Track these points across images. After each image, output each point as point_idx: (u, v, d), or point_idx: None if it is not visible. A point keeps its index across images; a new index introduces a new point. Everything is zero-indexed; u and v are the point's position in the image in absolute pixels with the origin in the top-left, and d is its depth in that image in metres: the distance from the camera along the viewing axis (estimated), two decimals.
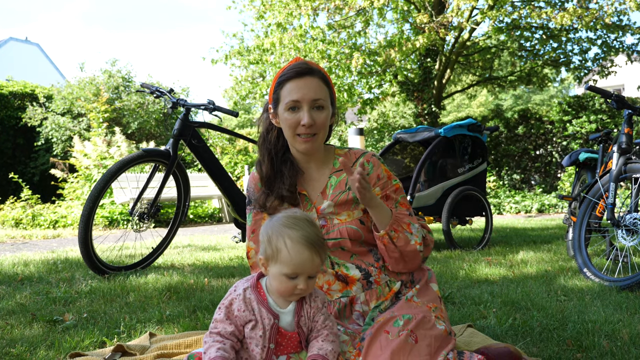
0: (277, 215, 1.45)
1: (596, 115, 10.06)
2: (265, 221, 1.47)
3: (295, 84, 1.64)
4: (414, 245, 1.62)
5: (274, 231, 1.39)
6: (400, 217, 1.64)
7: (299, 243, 1.37)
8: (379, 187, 1.71)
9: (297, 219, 1.41)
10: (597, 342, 1.86)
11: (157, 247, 3.78)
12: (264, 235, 1.41)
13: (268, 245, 1.39)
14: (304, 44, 9.79)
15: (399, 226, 1.62)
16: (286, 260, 1.36)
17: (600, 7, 9.27)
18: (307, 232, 1.38)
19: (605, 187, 3.07)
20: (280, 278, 1.38)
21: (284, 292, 1.40)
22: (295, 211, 1.47)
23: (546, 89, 17.41)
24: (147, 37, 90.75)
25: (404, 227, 1.63)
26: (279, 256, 1.37)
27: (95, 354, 1.80)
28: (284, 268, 1.37)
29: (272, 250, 1.38)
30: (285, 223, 1.39)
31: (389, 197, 1.71)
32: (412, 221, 1.66)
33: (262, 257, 1.41)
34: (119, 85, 12.27)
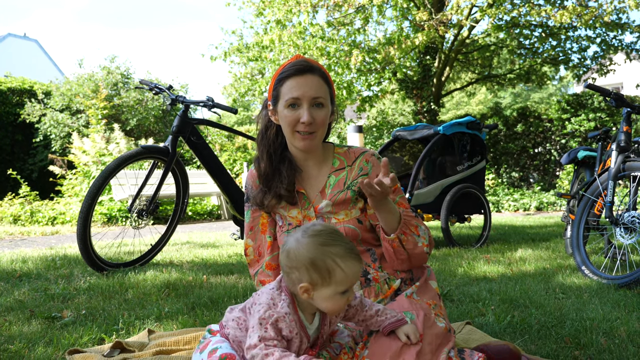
0: (298, 236, 1.35)
1: (595, 114, 10.07)
2: (289, 248, 1.34)
3: (296, 81, 1.64)
4: (421, 247, 1.62)
5: (316, 254, 1.30)
6: (408, 219, 1.63)
7: (348, 258, 1.32)
8: None
9: (327, 233, 1.34)
10: (595, 340, 1.86)
11: (156, 244, 3.78)
12: (303, 262, 1.31)
13: (314, 270, 1.30)
14: (303, 41, 9.78)
15: (407, 229, 1.61)
16: (342, 278, 1.31)
17: (599, 5, 9.27)
18: (346, 243, 1.34)
19: (603, 185, 3.07)
20: (335, 298, 1.32)
21: (339, 309, 1.36)
22: (314, 224, 1.40)
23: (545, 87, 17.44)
24: (146, 33, 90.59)
25: (412, 230, 1.62)
26: (332, 278, 1.30)
27: (94, 350, 1.80)
28: (340, 287, 1.31)
29: (322, 274, 1.30)
30: (323, 242, 1.32)
31: None
32: (419, 223, 1.65)
33: (305, 284, 1.31)
34: (117, 82, 12.25)
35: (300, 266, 1.31)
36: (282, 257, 1.36)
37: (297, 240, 1.33)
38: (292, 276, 1.34)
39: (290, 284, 1.36)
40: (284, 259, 1.35)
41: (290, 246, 1.34)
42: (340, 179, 1.72)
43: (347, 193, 1.69)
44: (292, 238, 1.35)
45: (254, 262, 1.83)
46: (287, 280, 1.36)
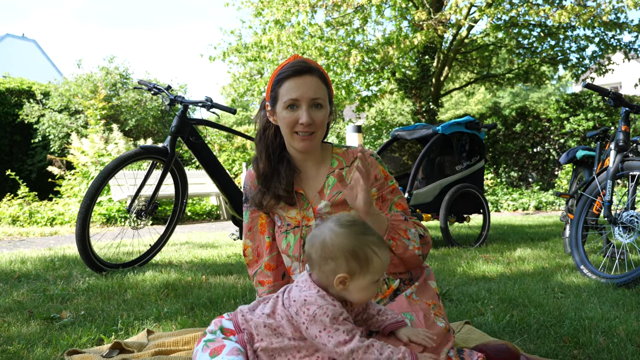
0: (331, 226, 1.33)
1: (593, 113, 10.08)
2: (325, 239, 1.32)
3: (294, 82, 1.63)
4: (412, 250, 1.61)
5: (355, 243, 1.30)
6: (396, 224, 1.61)
7: (382, 246, 1.33)
8: (375, 188, 1.70)
9: (361, 223, 1.36)
10: (594, 339, 1.87)
11: (155, 244, 3.77)
12: (343, 251, 1.30)
13: (354, 259, 1.30)
14: (302, 41, 9.78)
15: (396, 234, 1.60)
16: (378, 267, 1.32)
17: (597, 4, 9.28)
18: (376, 232, 1.36)
19: (602, 185, 3.08)
20: (369, 287, 1.33)
21: (369, 299, 1.36)
22: (342, 215, 1.39)
23: (544, 87, 17.45)
24: (144, 33, 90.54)
25: (401, 234, 1.60)
26: (370, 266, 1.31)
27: (93, 351, 1.80)
28: (375, 275, 1.33)
29: (361, 263, 1.30)
30: (360, 231, 1.33)
31: (385, 199, 1.70)
32: (408, 226, 1.63)
33: (343, 274, 1.30)
34: (116, 82, 12.24)
35: (338, 256, 1.30)
36: (314, 248, 1.33)
37: (333, 231, 1.32)
38: (326, 267, 1.31)
39: (322, 276, 1.33)
40: (318, 250, 1.32)
41: (326, 236, 1.32)
42: None
43: None
44: (325, 229, 1.33)
45: (253, 263, 1.83)
46: (319, 273, 1.33)
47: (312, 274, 1.36)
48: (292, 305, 1.32)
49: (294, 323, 1.31)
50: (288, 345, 1.33)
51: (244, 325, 1.39)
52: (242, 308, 1.43)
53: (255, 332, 1.36)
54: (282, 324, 1.33)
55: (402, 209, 1.71)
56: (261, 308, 1.39)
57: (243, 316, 1.40)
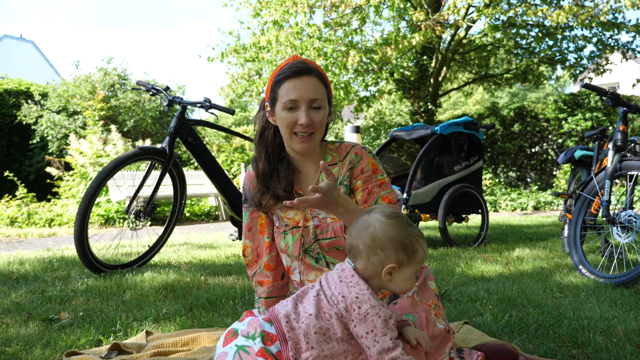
0: (379, 218, 1.35)
1: (591, 113, 10.09)
2: (375, 230, 1.33)
3: (293, 83, 1.63)
4: None
5: (404, 235, 1.34)
6: None
7: (424, 239, 1.39)
8: (360, 181, 1.70)
9: (404, 216, 1.39)
10: (593, 339, 1.87)
11: (154, 245, 3.77)
12: (393, 242, 1.33)
13: (402, 250, 1.33)
14: (300, 41, 9.78)
15: None
16: (421, 258, 1.37)
17: (595, 5, 9.29)
18: (414, 224, 1.40)
19: (600, 185, 3.08)
20: (412, 277, 1.38)
21: (409, 289, 1.42)
22: (382, 207, 1.42)
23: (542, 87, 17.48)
24: (143, 34, 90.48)
25: None
26: (416, 257, 1.36)
27: (92, 352, 1.79)
28: (417, 266, 1.38)
29: (408, 253, 1.34)
30: (406, 222, 1.37)
31: (371, 192, 1.69)
32: None
33: (393, 264, 1.33)
34: (114, 83, 12.22)
35: (388, 246, 1.33)
36: (362, 239, 1.35)
37: (381, 222, 1.35)
38: (374, 258, 1.33)
39: (369, 267, 1.34)
40: (367, 240, 1.34)
41: (376, 227, 1.34)
42: (334, 174, 1.72)
43: (340, 189, 1.69)
44: (373, 220, 1.36)
45: (252, 263, 1.83)
46: (366, 263, 1.34)
47: (356, 266, 1.37)
48: (341, 302, 1.30)
49: (344, 321, 1.30)
50: (338, 351, 1.30)
51: (289, 333, 1.29)
52: (286, 312, 1.33)
53: (305, 339, 1.28)
54: (332, 323, 1.30)
55: (388, 202, 1.70)
56: (303, 308, 1.33)
57: (288, 322, 1.31)
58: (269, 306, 1.78)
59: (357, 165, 1.71)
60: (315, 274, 1.68)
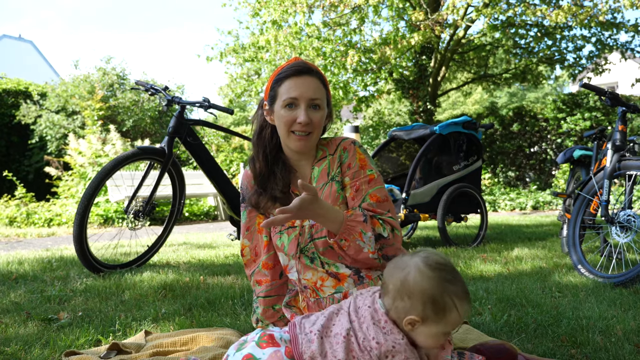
0: (419, 265, 1.26)
1: (590, 113, 10.10)
2: (409, 276, 1.26)
3: (294, 81, 1.64)
4: (366, 253, 1.55)
5: (438, 291, 1.23)
6: (352, 225, 1.54)
7: (465, 299, 1.26)
8: (348, 177, 1.68)
9: (451, 269, 1.27)
10: (592, 338, 1.87)
11: (153, 245, 3.77)
12: (422, 295, 1.23)
13: (431, 306, 1.23)
14: (299, 41, 9.78)
15: (349, 235, 1.54)
16: (455, 320, 1.25)
17: (594, 4, 9.30)
18: (463, 282, 1.28)
19: (599, 184, 3.08)
20: (438, 336, 1.27)
21: (435, 347, 1.30)
22: (433, 253, 1.32)
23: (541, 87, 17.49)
24: (141, 34, 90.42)
25: (355, 236, 1.54)
26: (446, 317, 1.24)
27: (91, 352, 1.79)
28: (448, 327, 1.26)
29: (437, 311, 1.23)
30: (446, 278, 1.25)
31: (359, 189, 1.66)
32: (365, 229, 1.54)
33: (414, 317, 1.24)
34: (113, 83, 12.22)
35: (416, 297, 1.24)
36: (393, 279, 1.27)
37: (419, 269, 1.25)
38: (400, 303, 1.25)
39: (392, 309, 1.27)
40: (397, 283, 1.26)
41: (410, 273, 1.25)
42: (323, 169, 1.70)
43: (332, 185, 1.68)
44: (412, 264, 1.27)
45: (251, 262, 1.83)
46: (390, 305, 1.27)
47: (388, 310, 1.29)
48: (375, 349, 1.24)
49: None
50: None
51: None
52: (311, 353, 1.27)
53: None
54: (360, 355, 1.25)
55: (377, 200, 1.65)
56: (331, 350, 1.26)
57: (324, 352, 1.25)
58: (267, 305, 1.78)
59: (345, 160, 1.69)
60: (312, 272, 1.68)
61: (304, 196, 1.43)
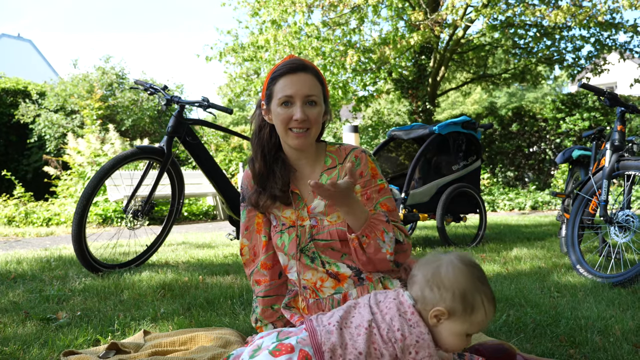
0: (453, 259, 1.27)
1: (589, 113, 10.11)
2: (442, 267, 1.26)
3: (289, 79, 1.64)
4: (384, 254, 1.55)
5: (470, 286, 1.23)
6: (375, 223, 1.55)
7: (493, 303, 1.26)
8: (359, 185, 1.68)
9: (482, 270, 1.28)
10: (590, 338, 1.87)
11: (152, 244, 3.77)
12: (455, 287, 1.23)
13: (460, 300, 1.22)
14: (299, 41, 9.78)
15: (371, 232, 1.54)
16: (480, 320, 1.24)
17: (593, 5, 9.31)
18: (490, 288, 1.28)
19: (598, 184, 3.08)
20: (461, 336, 1.26)
21: (454, 349, 1.28)
22: (466, 253, 1.34)
23: (540, 87, 17.50)
24: (141, 33, 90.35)
25: (377, 235, 1.54)
26: (473, 315, 1.23)
27: (89, 352, 1.79)
28: (473, 328, 1.25)
29: (466, 307, 1.22)
30: (479, 277, 1.26)
31: (370, 197, 1.67)
32: (387, 229, 1.56)
33: (442, 309, 1.23)
34: (112, 82, 12.21)
35: (448, 288, 1.23)
36: (424, 270, 1.26)
37: (452, 263, 1.26)
38: (429, 294, 1.24)
39: (420, 300, 1.26)
40: (429, 273, 1.25)
41: (443, 265, 1.26)
42: (333, 178, 1.71)
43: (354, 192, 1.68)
44: (445, 258, 1.28)
45: (250, 262, 1.83)
46: (418, 295, 1.27)
47: (415, 303, 1.28)
48: (399, 341, 1.23)
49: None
50: None
51: None
52: (331, 344, 1.25)
53: None
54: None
55: (387, 209, 1.66)
56: (352, 341, 1.24)
57: (333, 358, 1.23)
58: (266, 305, 1.78)
59: (356, 168, 1.69)
60: (312, 272, 1.68)
61: (349, 180, 1.44)
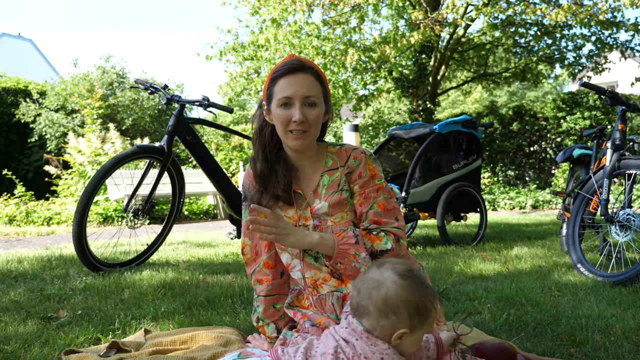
0: (392, 278, 1.28)
1: (590, 112, 10.10)
2: (389, 293, 1.26)
3: (288, 80, 1.63)
4: (363, 272, 1.56)
5: (420, 298, 1.26)
6: (344, 248, 1.59)
7: (436, 297, 1.31)
8: (358, 185, 1.69)
9: (418, 274, 1.31)
10: (591, 337, 1.87)
11: (152, 243, 3.77)
12: (408, 306, 1.25)
13: (416, 314, 1.25)
14: (299, 40, 9.77)
15: (343, 258, 1.59)
16: (434, 319, 1.30)
17: (594, 3, 9.29)
18: (429, 284, 1.33)
19: (599, 183, 3.08)
20: (421, 339, 1.31)
21: (417, 350, 1.32)
22: (393, 262, 1.34)
23: (540, 86, 17.48)
24: (141, 33, 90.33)
25: (350, 259, 1.59)
26: (428, 320, 1.28)
27: (90, 350, 1.79)
28: (430, 327, 1.31)
29: (421, 317, 1.27)
30: (420, 282, 1.29)
31: (367, 196, 1.68)
32: (358, 250, 1.59)
33: (404, 330, 1.25)
34: (113, 82, 12.21)
35: (402, 311, 1.25)
36: (373, 301, 1.26)
37: (395, 283, 1.26)
38: (385, 322, 1.26)
39: (378, 329, 1.27)
40: (379, 303, 1.25)
41: (389, 289, 1.26)
42: (334, 180, 1.70)
43: (341, 194, 1.68)
44: (387, 280, 1.27)
45: (251, 261, 1.83)
46: (375, 325, 1.27)
47: (367, 328, 1.29)
48: None
49: None
50: None
51: None
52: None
53: None
54: None
55: (384, 208, 1.67)
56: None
57: None
58: (268, 304, 1.78)
59: (355, 169, 1.70)
60: (314, 272, 1.68)
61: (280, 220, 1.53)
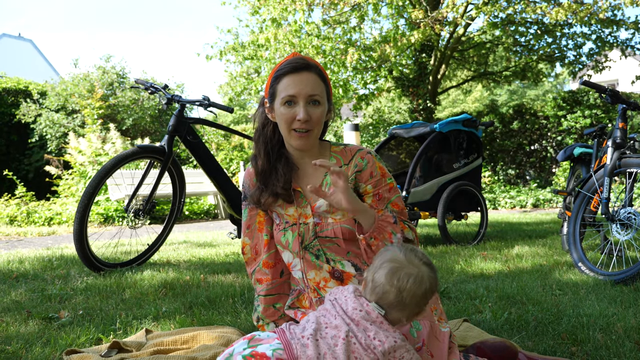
0: (427, 271, 1.33)
1: (591, 110, 10.09)
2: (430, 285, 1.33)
3: (292, 78, 1.63)
4: None
5: (437, 284, 1.36)
6: (383, 225, 1.56)
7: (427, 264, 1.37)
8: (370, 185, 1.68)
9: (417, 251, 1.37)
10: (592, 336, 1.87)
11: (153, 243, 3.77)
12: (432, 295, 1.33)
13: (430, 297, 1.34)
14: (299, 39, 9.77)
15: (379, 234, 1.55)
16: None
17: (594, 2, 9.28)
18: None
19: (599, 182, 3.08)
20: None
21: None
22: (418, 250, 1.38)
23: (541, 84, 17.46)
24: (141, 33, 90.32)
25: (385, 236, 1.55)
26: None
27: (91, 350, 1.79)
28: None
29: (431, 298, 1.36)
30: (424, 260, 1.35)
31: (382, 197, 1.67)
32: (395, 230, 1.57)
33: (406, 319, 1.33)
34: (113, 82, 12.21)
35: (430, 299, 1.36)
36: (416, 298, 1.30)
37: (431, 277, 1.34)
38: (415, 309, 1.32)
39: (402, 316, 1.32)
40: (420, 299, 1.32)
41: (429, 284, 1.33)
42: None
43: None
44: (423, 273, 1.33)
45: (251, 261, 1.83)
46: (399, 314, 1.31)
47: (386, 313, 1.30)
48: (378, 347, 1.25)
49: None
50: None
51: None
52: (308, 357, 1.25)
53: None
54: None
55: (399, 209, 1.68)
56: (331, 353, 1.24)
57: None
58: (268, 304, 1.78)
59: (365, 168, 1.69)
60: (315, 272, 1.67)
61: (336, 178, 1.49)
